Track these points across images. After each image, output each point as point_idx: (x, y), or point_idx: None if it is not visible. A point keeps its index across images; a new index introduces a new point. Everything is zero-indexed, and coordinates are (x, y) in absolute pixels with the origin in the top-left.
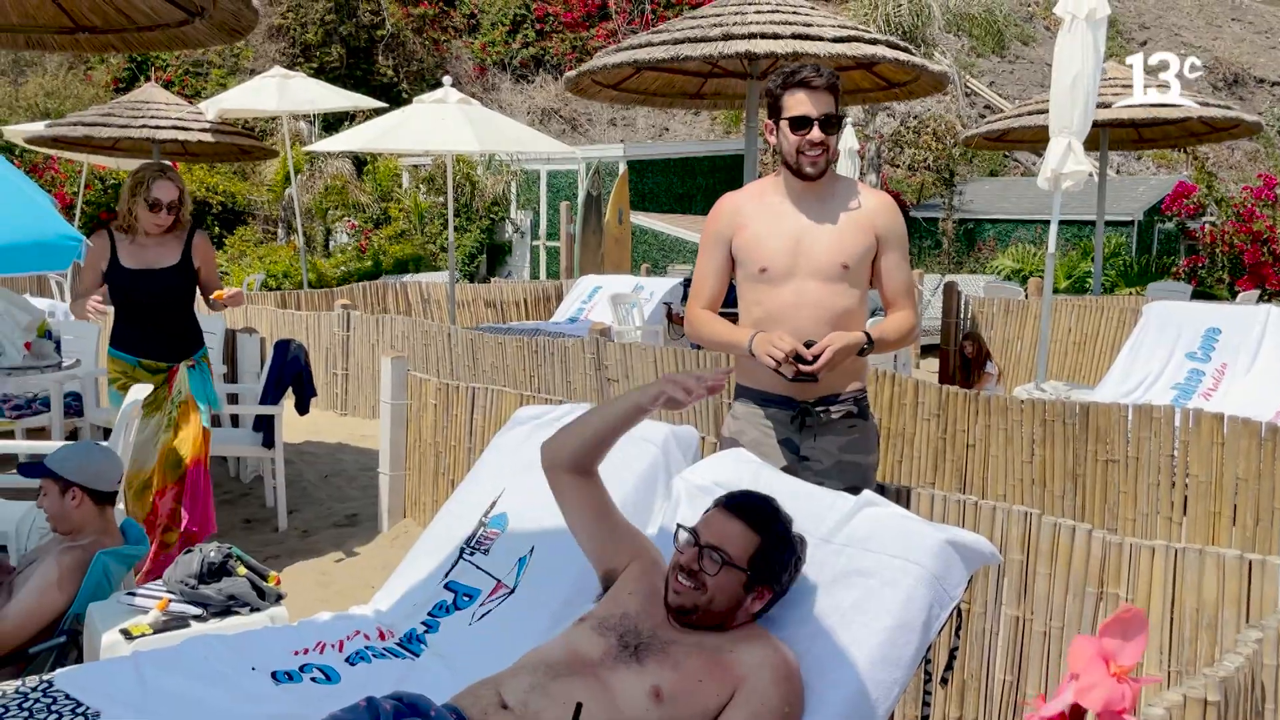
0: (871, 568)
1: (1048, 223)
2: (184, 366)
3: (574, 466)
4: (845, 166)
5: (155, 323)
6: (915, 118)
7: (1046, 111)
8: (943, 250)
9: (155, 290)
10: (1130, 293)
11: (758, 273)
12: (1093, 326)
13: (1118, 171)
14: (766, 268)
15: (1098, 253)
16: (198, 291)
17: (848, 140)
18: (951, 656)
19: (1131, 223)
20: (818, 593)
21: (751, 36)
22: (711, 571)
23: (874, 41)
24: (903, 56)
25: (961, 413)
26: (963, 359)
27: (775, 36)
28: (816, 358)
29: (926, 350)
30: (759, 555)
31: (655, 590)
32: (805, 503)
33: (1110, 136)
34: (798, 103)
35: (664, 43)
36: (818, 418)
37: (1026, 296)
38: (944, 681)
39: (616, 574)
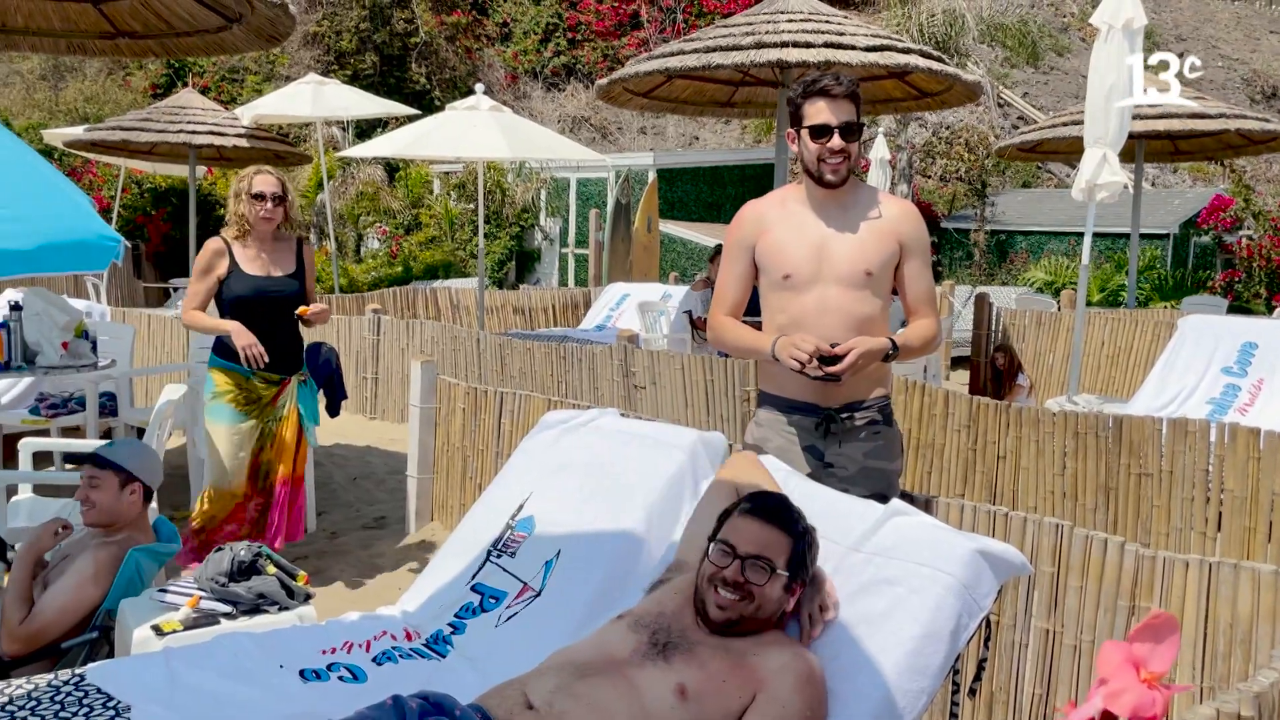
0: (900, 576)
1: (1081, 235)
2: (295, 380)
3: None
4: (876, 176)
5: (272, 333)
6: (947, 128)
7: (1081, 123)
8: (974, 262)
9: (275, 298)
10: (1165, 307)
11: (781, 279)
12: (1126, 340)
13: (1153, 184)
14: (790, 274)
15: (1132, 266)
16: None
17: (879, 150)
18: (980, 667)
19: (1167, 236)
20: (847, 602)
21: (784, 45)
22: (760, 581)
23: (907, 51)
24: (936, 66)
25: (992, 424)
26: (994, 371)
27: (808, 45)
28: (841, 358)
29: (957, 362)
30: (794, 556)
31: (691, 595)
32: (833, 511)
33: (1146, 148)
34: (818, 111)
35: (696, 50)
36: (842, 424)
37: (1059, 309)
38: (972, 693)
39: (685, 568)
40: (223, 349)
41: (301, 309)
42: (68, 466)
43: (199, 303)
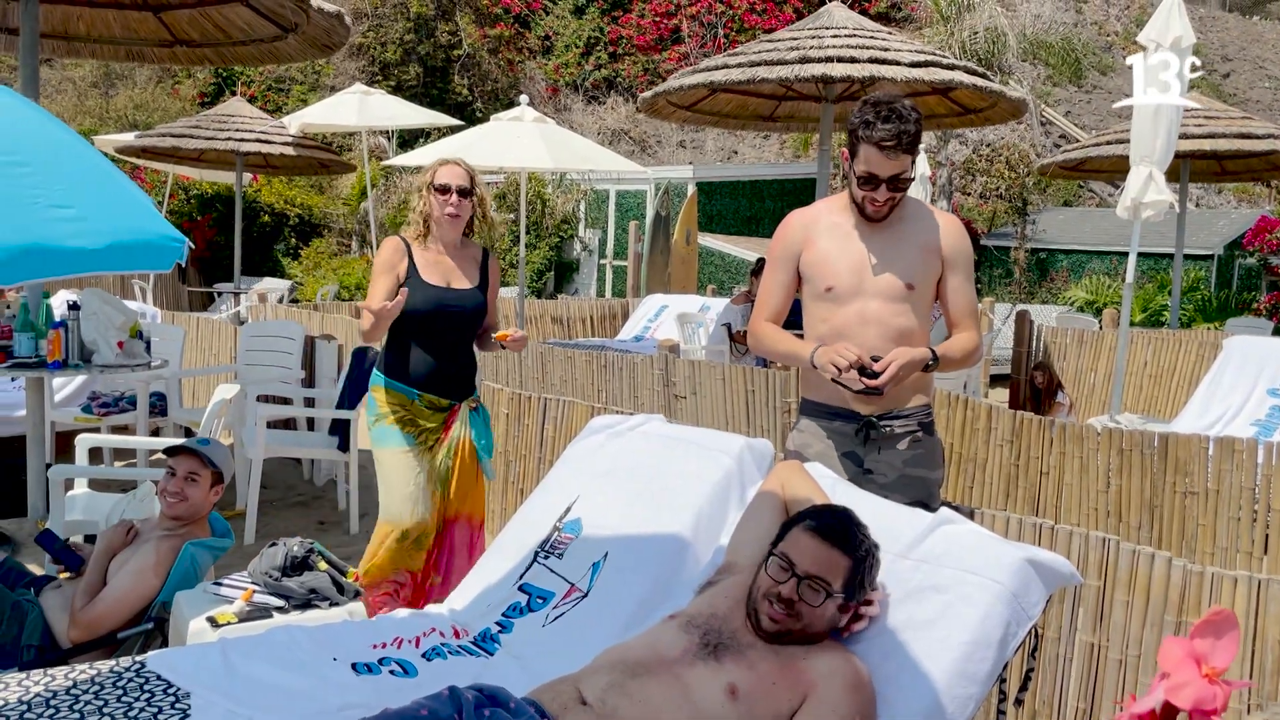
0: (948, 584)
1: (1122, 254)
2: (466, 407)
3: None
4: (916, 192)
5: (446, 351)
6: (988, 145)
7: (1125, 141)
8: (1014, 280)
9: (454, 313)
10: (1209, 328)
11: (824, 291)
12: (1170, 360)
13: (1197, 204)
14: (833, 286)
15: (1175, 286)
16: None
17: (920, 166)
18: (1027, 677)
19: (1211, 257)
20: (894, 608)
21: (828, 60)
22: (815, 603)
23: (951, 67)
24: (980, 82)
25: (1035, 439)
26: (1033, 389)
27: (852, 60)
28: (880, 372)
29: (996, 380)
30: (851, 577)
31: (744, 598)
32: (881, 518)
33: (1191, 168)
34: (869, 159)
35: (740, 65)
36: (881, 431)
37: (1101, 328)
38: (1018, 702)
39: (735, 570)
40: (392, 365)
41: (501, 333)
42: (156, 457)
43: (377, 300)
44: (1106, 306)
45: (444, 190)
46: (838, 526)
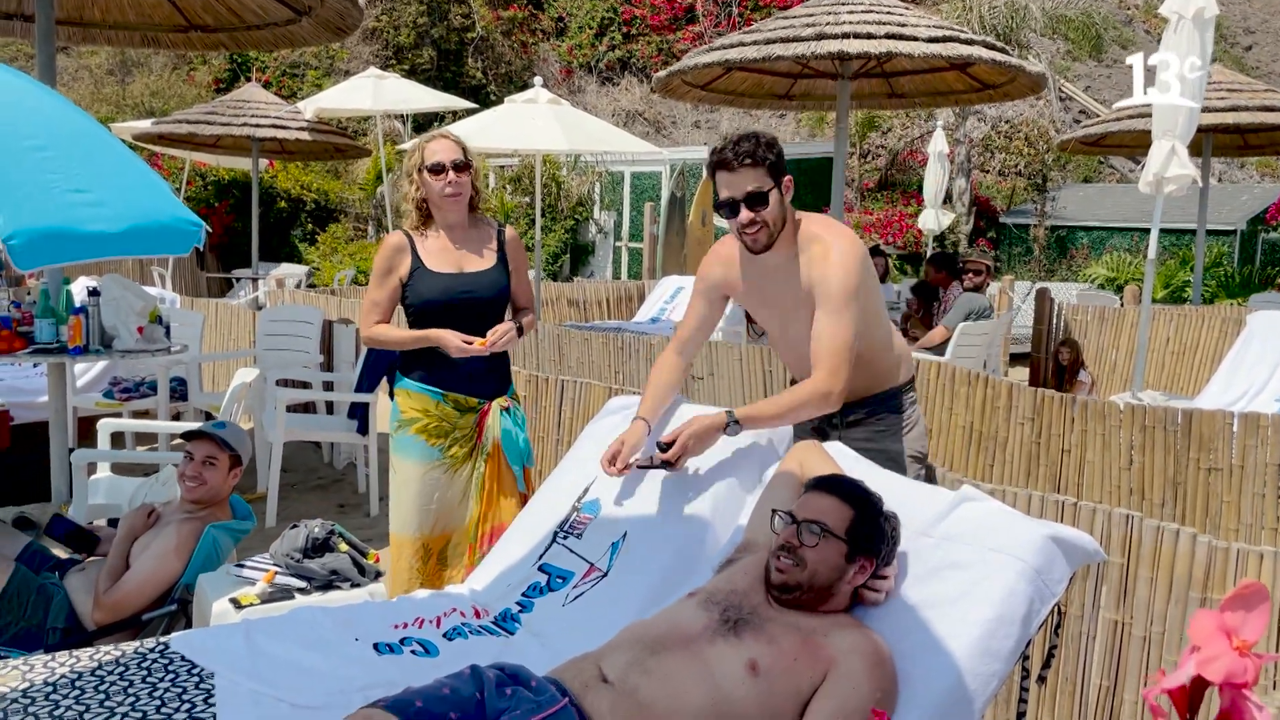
0: (971, 561)
1: (1143, 231)
2: (497, 407)
3: None
4: (934, 170)
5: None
6: (1007, 122)
7: (1147, 116)
8: (1034, 258)
9: (471, 301)
10: (1232, 304)
11: (763, 329)
12: (1193, 337)
13: (1219, 179)
14: (756, 322)
15: (1198, 262)
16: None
17: (937, 144)
18: (1050, 655)
19: (1234, 232)
20: (916, 585)
21: (845, 36)
22: (811, 544)
23: (970, 42)
24: (999, 57)
25: (1057, 417)
26: (1056, 366)
27: (869, 36)
28: (673, 449)
29: (1016, 359)
30: (855, 526)
31: (763, 574)
32: (902, 496)
33: (1214, 142)
34: (722, 186)
35: (756, 42)
36: (846, 419)
37: (1122, 304)
38: (1041, 680)
39: (754, 548)
40: (411, 365)
41: (479, 341)
42: (175, 442)
43: (381, 314)
44: (1128, 283)
45: (438, 170)
46: (836, 479)
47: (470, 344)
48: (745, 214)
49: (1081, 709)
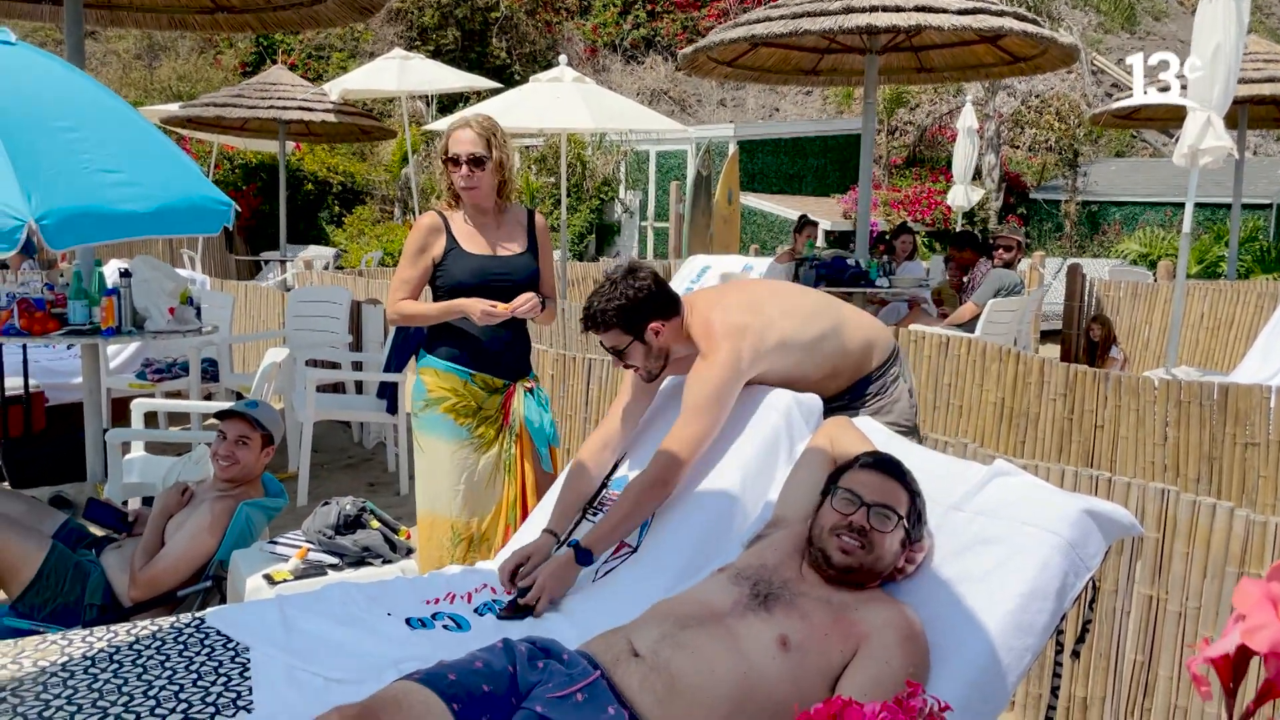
0: (1004, 535)
1: (1177, 205)
2: (521, 389)
3: None
4: (963, 146)
5: (498, 326)
6: (1037, 96)
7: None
8: (1064, 234)
9: (503, 281)
10: (1267, 279)
11: None
12: (1227, 312)
13: (1254, 153)
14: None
15: (1233, 236)
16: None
17: (966, 119)
18: (1084, 629)
19: (1270, 206)
20: (949, 560)
21: (873, 9)
22: (885, 529)
23: (1000, 14)
24: (1030, 29)
25: (1090, 392)
26: (1088, 342)
27: (898, 9)
28: (530, 594)
29: (1047, 335)
30: (911, 511)
31: (796, 550)
32: (934, 471)
33: (1250, 114)
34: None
35: (782, 17)
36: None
37: (1155, 280)
38: (1075, 654)
39: (784, 524)
40: (438, 345)
41: (502, 305)
42: (208, 421)
43: (409, 291)
44: (1161, 259)
45: (455, 162)
46: (893, 461)
47: (494, 309)
48: (633, 363)
49: (1116, 684)
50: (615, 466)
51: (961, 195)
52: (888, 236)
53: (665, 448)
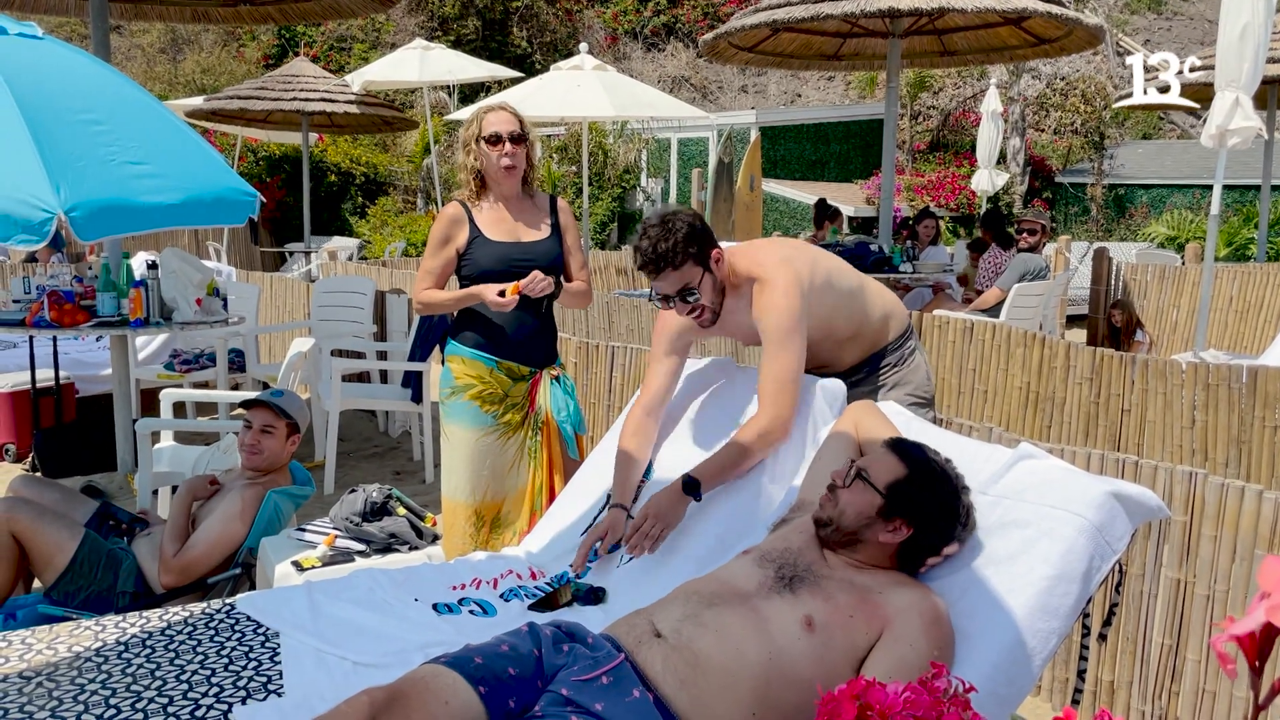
0: (1029, 518)
1: (1204, 188)
2: (547, 376)
3: None
4: (987, 130)
5: (524, 314)
6: (1062, 79)
7: (1210, 68)
8: (1091, 217)
9: (529, 268)
10: None
11: None
12: (1256, 295)
13: None
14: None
15: (1263, 218)
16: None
17: (991, 103)
18: (1110, 613)
19: None
20: (974, 543)
21: None
22: (846, 485)
23: None
24: (1055, 10)
25: (1116, 376)
26: (1111, 328)
27: None
28: (652, 529)
29: (1073, 320)
30: (901, 484)
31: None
32: (959, 454)
33: (1279, 94)
34: (653, 286)
35: (804, 1)
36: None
37: (1183, 263)
38: (1102, 638)
39: (808, 508)
40: (464, 332)
41: (511, 288)
42: (235, 411)
43: (433, 281)
44: (1189, 242)
45: (495, 140)
46: (905, 441)
47: (502, 298)
48: (683, 307)
49: (1143, 668)
50: (650, 466)
51: (986, 180)
52: (911, 222)
53: (766, 385)
